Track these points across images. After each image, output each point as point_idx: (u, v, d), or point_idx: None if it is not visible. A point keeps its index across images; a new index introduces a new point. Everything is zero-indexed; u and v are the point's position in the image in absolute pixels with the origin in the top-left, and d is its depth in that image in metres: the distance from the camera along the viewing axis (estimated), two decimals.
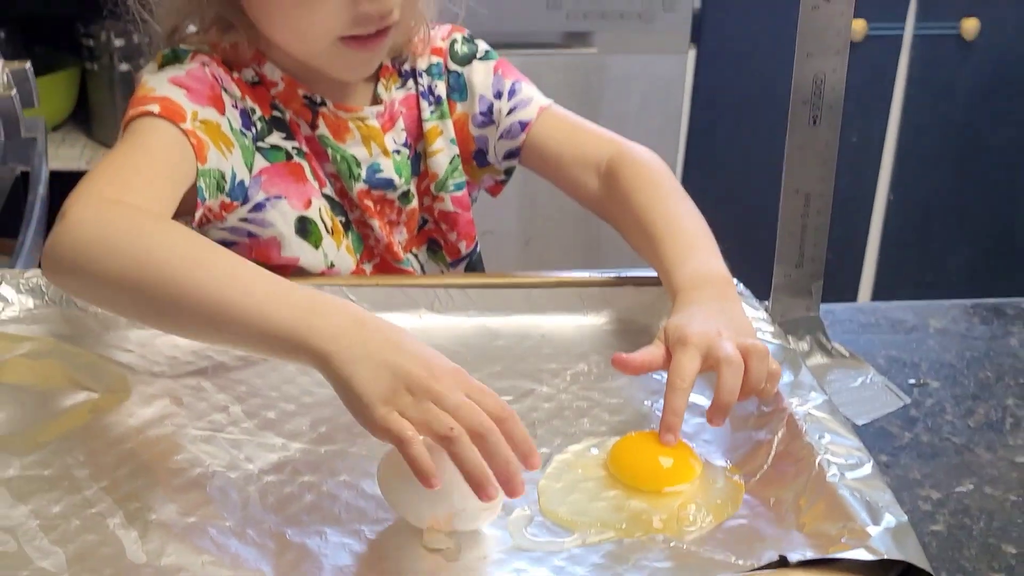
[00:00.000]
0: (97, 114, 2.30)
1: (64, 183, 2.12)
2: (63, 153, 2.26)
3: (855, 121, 2.35)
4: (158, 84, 0.98)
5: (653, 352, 0.87)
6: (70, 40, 2.28)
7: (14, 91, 1.62)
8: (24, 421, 0.86)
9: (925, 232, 2.51)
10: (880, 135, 2.40)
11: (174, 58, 1.03)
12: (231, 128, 1.00)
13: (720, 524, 0.79)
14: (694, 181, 2.32)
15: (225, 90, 1.02)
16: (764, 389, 0.85)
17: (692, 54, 2.29)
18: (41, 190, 1.75)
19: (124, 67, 2.21)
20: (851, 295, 2.51)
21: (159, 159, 0.94)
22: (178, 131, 0.95)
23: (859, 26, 2.27)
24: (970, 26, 2.32)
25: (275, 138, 1.05)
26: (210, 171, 0.97)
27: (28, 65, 1.72)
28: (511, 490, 0.74)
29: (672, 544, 0.77)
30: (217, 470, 0.82)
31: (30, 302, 0.98)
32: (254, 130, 1.04)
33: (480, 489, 0.73)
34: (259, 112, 1.05)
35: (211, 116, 0.98)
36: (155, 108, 0.95)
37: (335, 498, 0.80)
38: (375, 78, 1.10)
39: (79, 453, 0.83)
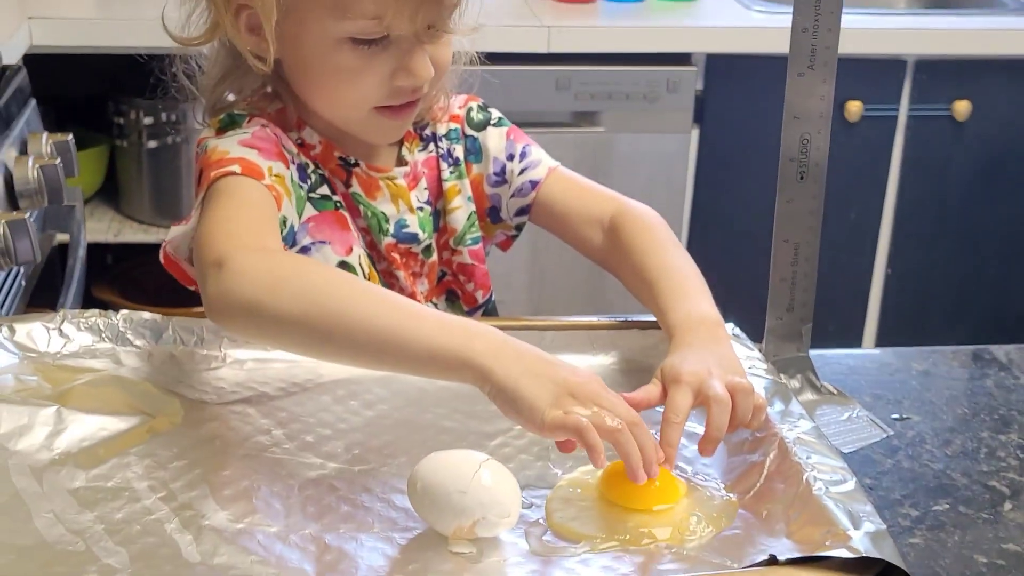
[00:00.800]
0: (125, 189, 2.40)
1: (92, 255, 2.22)
2: (90, 227, 2.34)
3: (853, 198, 2.43)
4: (230, 147, 1.07)
5: (651, 391, 0.97)
6: (101, 118, 2.38)
7: (58, 160, 1.72)
8: (88, 439, 0.95)
9: (922, 307, 2.57)
10: (877, 211, 2.48)
11: (231, 123, 1.12)
12: (292, 180, 1.10)
13: (717, 534, 0.87)
14: (697, 248, 2.38)
15: (284, 147, 1.12)
16: (750, 422, 0.95)
17: (695, 133, 2.38)
18: (81, 254, 1.85)
19: (152, 144, 2.31)
20: None
21: (264, 211, 1.04)
22: (262, 187, 1.05)
23: (855, 107, 2.35)
24: (962, 108, 2.40)
25: (325, 189, 1.16)
26: (280, 218, 1.07)
27: (70, 137, 1.82)
28: (653, 471, 0.87)
29: (674, 550, 0.85)
30: (262, 484, 0.91)
31: (88, 339, 1.07)
32: (309, 182, 1.14)
33: (636, 471, 0.86)
34: (312, 166, 1.15)
35: (280, 170, 1.08)
36: (237, 168, 1.05)
37: (369, 510, 0.89)
38: (399, 141, 1.21)
39: (138, 467, 0.92)
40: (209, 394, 1.02)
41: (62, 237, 1.90)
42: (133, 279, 2.44)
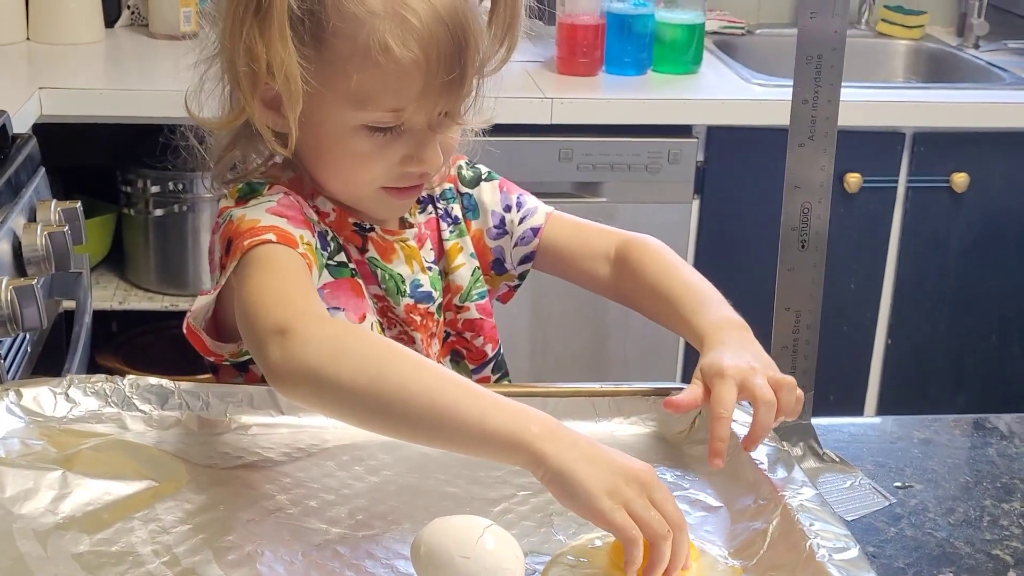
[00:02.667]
0: (131, 257, 2.41)
1: (97, 323, 2.22)
2: (96, 294, 2.33)
3: (852, 269, 2.43)
4: (260, 216, 1.07)
5: (695, 391, 1.00)
6: (108, 186, 2.39)
7: (66, 227, 1.74)
8: (93, 504, 0.95)
9: (922, 377, 2.56)
10: (877, 283, 2.48)
11: (251, 191, 1.13)
12: (316, 247, 1.11)
13: None
14: None
15: (307, 216, 1.13)
16: (792, 412, 1.00)
17: (696, 203, 2.38)
18: (87, 320, 1.86)
19: (159, 212, 2.32)
20: None
21: (307, 279, 1.04)
22: (297, 255, 1.05)
23: (854, 179, 2.36)
24: (960, 180, 2.40)
25: (341, 256, 1.17)
26: None
27: (79, 205, 1.84)
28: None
29: None
30: (266, 549, 0.91)
31: (95, 404, 1.07)
32: (328, 249, 1.15)
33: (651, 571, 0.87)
34: (332, 233, 1.16)
35: (309, 238, 1.09)
36: (272, 237, 1.05)
37: (372, 575, 0.89)
38: None
39: (142, 532, 0.92)
40: (214, 459, 1.03)
41: (68, 304, 1.92)
42: (138, 347, 2.45)
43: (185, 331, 1.11)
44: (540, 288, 2.03)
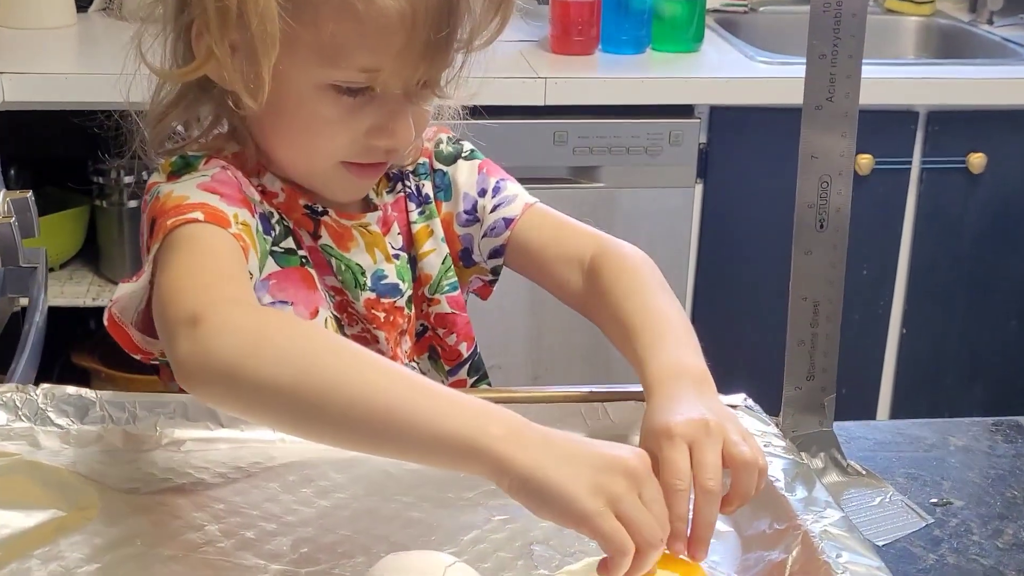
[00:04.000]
0: (105, 251, 2.31)
1: (69, 318, 2.12)
2: (69, 290, 2.26)
3: (865, 254, 2.34)
4: (188, 192, 0.94)
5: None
6: (80, 178, 2.29)
7: (13, 219, 1.61)
8: None
9: (939, 365, 2.47)
10: (891, 268, 2.39)
11: (185, 165, 0.99)
12: (257, 230, 0.97)
13: None
14: (704, 310, 2.30)
15: (247, 193, 0.99)
16: (746, 496, 0.82)
17: (699, 188, 2.29)
18: (37, 319, 1.73)
19: (133, 204, 2.23)
20: None
21: (234, 262, 0.90)
22: (229, 236, 0.92)
23: (866, 160, 2.27)
24: (977, 160, 2.32)
25: (289, 242, 1.03)
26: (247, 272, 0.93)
27: (29, 195, 1.71)
28: None
29: None
30: None
31: (2, 418, 0.93)
32: (273, 233, 1.02)
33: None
34: (276, 215, 1.03)
35: (246, 218, 0.95)
36: (199, 215, 0.91)
37: None
38: None
39: (40, 573, 0.77)
40: (136, 482, 0.88)
41: (25, 301, 1.79)
42: (116, 345, 2.33)
43: (107, 324, 0.97)
44: None
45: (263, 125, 1.00)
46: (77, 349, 2.29)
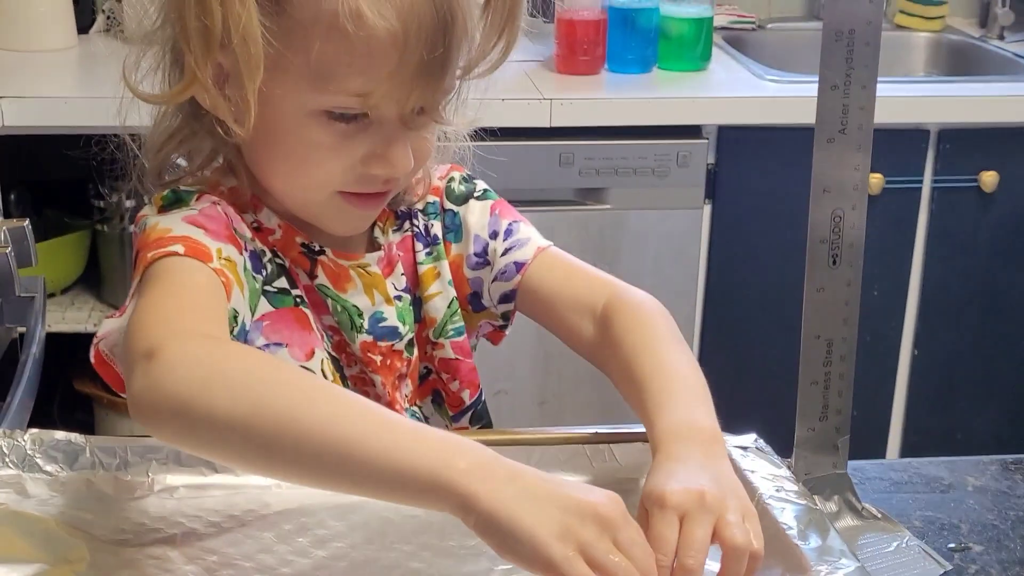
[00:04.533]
0: (107, 276, 2.29)
1: (70, 345, 2.10)
2: (70, 316, 2.24)
3: (876, 275, 2.32)
4: (173, 224, 0.92)
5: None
6: (82, 202, 2.27)
7: (9, 249, 1.58)
8: None
9: (951, 388, 2.44)
10: (903, 289, 2.37)
11: (176, 200, 0.97)
12: (245, 269, 0.95)
13: None
14: (712, 336, 2.27)
15: (236, 231, 0.97)
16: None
17: (707, 209, 2.27)
18: (34, 350, 1.71)
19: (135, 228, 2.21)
20: (878, 454, 2.43)
21: (209, 298, 0.88)
22: (209, 270, 0.89)
23: (876, 180, 2.24)
24: (989, 178, 2.30)
25: (283, 282, 1.00)
26: (230, 311, 0.91)
27: (27, 223, 1.68)
28: None
29: None
30: None
31: None
32: (264, 272, 0.99)
33: None
34: (268, 254, 1.00)
35: (232, 254, 0.93)
36: (179, 248, 0.89)
37: None
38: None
39: None
40: (126, 533, 0.85)
41: (23, 330, 1.77)
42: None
43: (93, 361, 0.94)
44: None
45: (256, 154, 0.98)
46: (79, 375, 2.27)
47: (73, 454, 0.92)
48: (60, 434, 0.92)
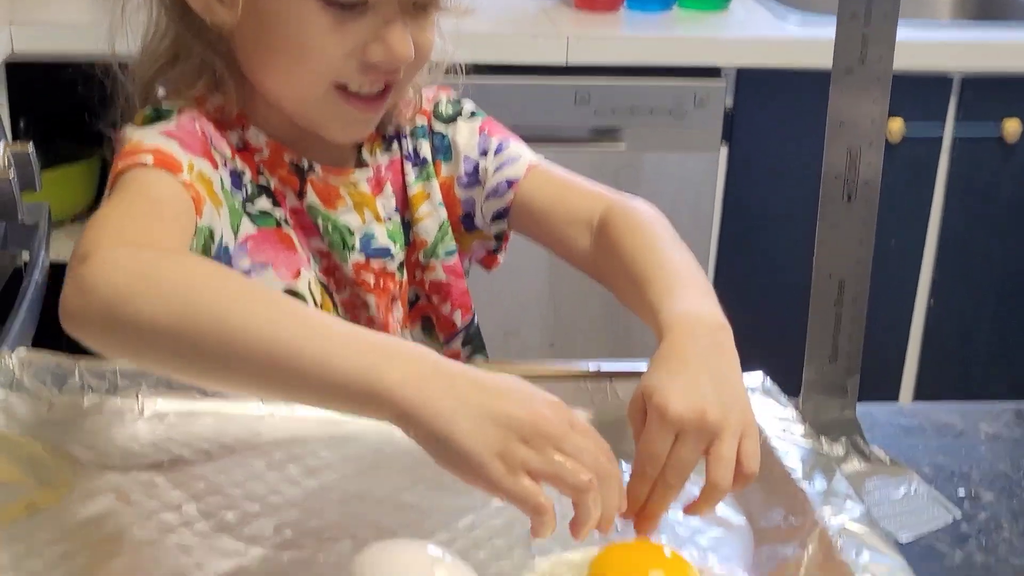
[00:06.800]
0: None
1: None
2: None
3: (893, 225, 2.28)
4: (146, 136, 0.90)
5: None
6: (93, 132, 2.25)
7: (13, 172, 1.56)
8: None
9: (967, 340, 2.41)
10: (920, 239, 2.33)
11: (157, 116, 0.94)
12: (222, 187, 0.92)
13: None
14: (725, 281, 2.24)
15: (215, 148, 0.94)
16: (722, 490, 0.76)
17: (724, 152, 2.23)
18: (36, 276, 1.69)
19: None
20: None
21: (168, 208, 0.85)
22: (177, 182, 0.87)
23: (896, 127, 2.20)
24: (1012, 127, 2.25)
25: (264, 203, 0.97)
26: (203, 228, 0.89)
27: (31, 147, 1.66)
28: (605, 529, 0.70)
29: None
30: None
31: None
32: (244, 192, 0.96)
33: (581, 531, 0.69)
34: (249, 175, 0.97)
35: (205, 169, 0.91)
36: (148, 159, 0.87)
37: None
38: (358, 143, 1.03)
39: (3, 556, 0.73)
40: (112, 457, 0.83)
41: (27, 256, 1.75)
42: None
43: None
44: None
45: (251, 52, 0.95)
46: None
47: (62, 376, 0.90)
48: (49, 356, 0.90)
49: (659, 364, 0.78)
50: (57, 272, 1.81)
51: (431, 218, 1.05)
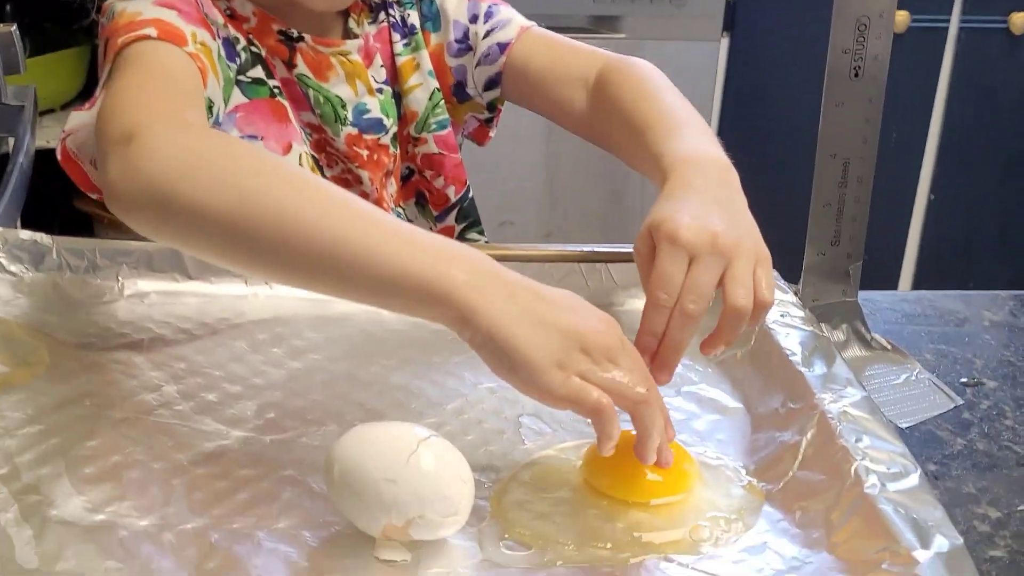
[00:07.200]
0: None
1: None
2: None
3: (895, 117, 2.23)
4: (143, 7, 0.86)
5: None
6: (82, 17, 2.20)
7: None
8: None
9: (967, 235, 2.40)
10: (922, 132, 2.29)
11: None
12: (219, 55, 0.89)
13: (733, 542, 0.66)
14: None
15: (207, 15, 0.90)
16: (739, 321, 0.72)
17: (725, 41, 2.20)
18: (21, 160, 1.65)
19: None
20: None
21: (184, 83, 0.82)
22: (184, 55, 0.83)
23: (901, 17, 2.16)
24: (1020, 20, 2.22)
25: (259, 71, 0.94)
26: (205, 100, 0.85)
27: (14, 28, 1.61)
28: (665, 458, 0.69)
29: (675, 563, 0.64)
30: (138, 459, 0.69)
31: None
32: (238, 61, 0.93)
33: (647, 453, 0.68)
34: (243, 42, 0.93)
35: (206, 39, 0.87)
36: (152, 32, 0.83)
37: (275, 497, 0.67)
38: (345, 14, 0.99)
39: None
40: (90, 337, 0.81)
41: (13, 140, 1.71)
42: None
43: (60, 158, 0.88)
44: (554, 133, 1.90)
45: None
46: (79, 194, 2.23)
47: (39, 255, 0.87)
48: (25, 233, 0.87)
49: (666, 197, 0.75)
50: (43, 157, 1.78)
51: (421, 88, 1.02)
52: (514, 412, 0.77)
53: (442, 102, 1.02)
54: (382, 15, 1.01)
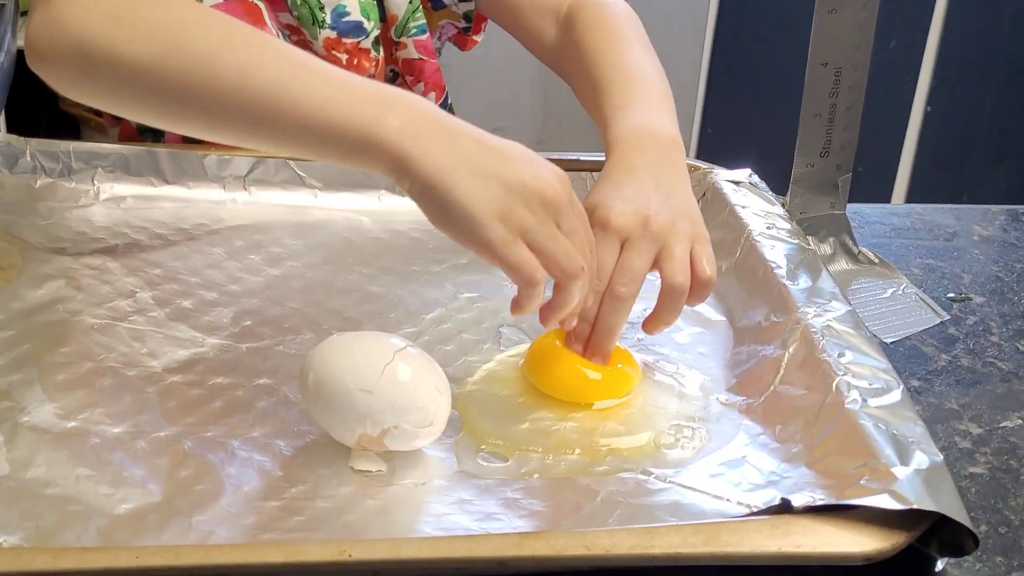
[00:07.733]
0: None
1: None
2: None
3: (893, 26, 2.22)
4: None
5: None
6: None
7: None
8: None
9: (963, 147, 2.36)
10: (920, 41, 2.25)
11: None
12: None
13: (700, 449, 0.65)
14: (719, 86, 2.18)
15: None
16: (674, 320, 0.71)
17: None
18: (3, 60, 1.61)
19: None
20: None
21: None
22: None
23: None
24: None
25: None
26: None
27: None
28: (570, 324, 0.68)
29: (653, 476, 0.63)
30: (111, 366, 0.68)
31: None
32: None
33: (549, 320, 0.66)
34: None
35: None
36: None
37: (250, 405, 0.67)
38: None
39: None
40: (64, 241, 0.79)
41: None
42: None
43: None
44: None
45: None
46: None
47: (12, 157, 0.85)
48: None
49: (604, 179, 0.74)
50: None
51: None
52: (494, 323, 0.76)
53: (421, 7, 1.00)
54: None
